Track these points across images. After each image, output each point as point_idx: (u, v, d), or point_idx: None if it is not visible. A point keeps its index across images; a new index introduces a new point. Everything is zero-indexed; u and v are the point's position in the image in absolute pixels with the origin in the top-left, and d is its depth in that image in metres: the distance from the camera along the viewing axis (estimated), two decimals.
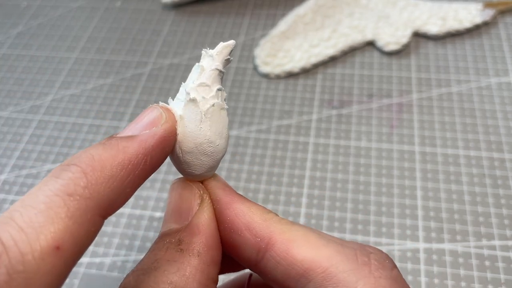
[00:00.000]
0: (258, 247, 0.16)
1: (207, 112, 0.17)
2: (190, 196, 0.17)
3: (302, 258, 0.16)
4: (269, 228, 0.17)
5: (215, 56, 0.18)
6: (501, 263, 0.31)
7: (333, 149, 0.39)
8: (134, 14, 0.53)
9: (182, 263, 0.15)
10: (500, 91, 0.41)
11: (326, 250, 0.16)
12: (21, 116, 0.44)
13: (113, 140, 0.15)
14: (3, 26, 0.53)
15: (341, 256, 0.15)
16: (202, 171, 0.18)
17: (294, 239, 0.16)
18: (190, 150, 0.17)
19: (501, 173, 0.36)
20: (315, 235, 0.16)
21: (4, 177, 0.39)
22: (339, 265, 0.15)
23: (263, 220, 0.17)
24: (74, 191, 0.13)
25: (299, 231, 0.16)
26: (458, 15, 0.46)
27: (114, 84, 0.46)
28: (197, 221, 0.17)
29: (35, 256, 0.12)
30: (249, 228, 0.17)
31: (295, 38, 0.47)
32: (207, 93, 0.17)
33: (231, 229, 0.17)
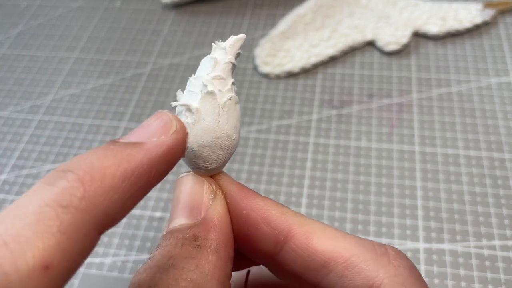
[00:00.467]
0: (276, 240, 0.16)
1: (224, 105, 0.17)
2: (202, 191, 0.17)
3: (322, 249, 0.16)
4: (288, 220, 0.16)
5: (228, 49, 0.18)
6: (501, 263, 0.31)
7: (333, 149, 0.38)
8: (134, 14, 0.53)
9: (200, 259, 0.15)
10: (500, 91, 0.41)
11: (345, 241, 0.16)
12: (21, 116, 0.44)
13: (116, 146, 0.14)
14: (3, 26, 0.53)
15: (361, 247, 0.16)
16: (217, 165, 0.17)
17: (313, 231, 0.16)
18: (207, 144, 0.17)
19: (501, 173, 0.36)
20: (332, 229, 0.16)
21: (4, 177, 0.39)
22: (360, 255, 0.15)
23: (280, 213, 0.16)
24: (69, 202, 0.12)
25: (316, 224, 0.16)
26: (458, 15, 0.46)
27: (114, 84, 0.46)
28: (211, 216, 0.16)
29: (21, 276, 0.11)
30: (267, 221, 0.16)
31: (295, 38, 0.47)
32: (223, 86, 0.17)
33: (247, 223, 0.16)
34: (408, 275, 0.15)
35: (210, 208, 0.16)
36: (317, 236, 0.16)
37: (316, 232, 0.16)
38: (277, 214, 0.16)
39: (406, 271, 0.15)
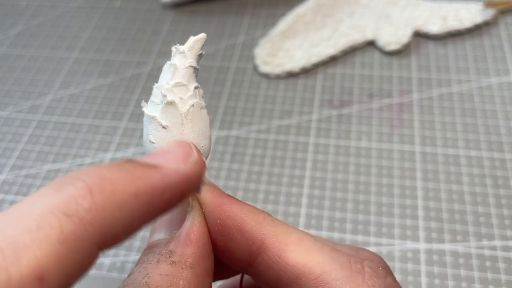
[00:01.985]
0: (250, 250, 0.16)
1: (187, 113, 0.16)
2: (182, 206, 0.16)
3: (294, 263, 0.15)
4: (262, 230, 0.16)
5: (187, 53, 0.17)
6: (501, 264, 0.31)
7: (333, 149, 0.38)
8: (133, 14, 0.53)
9: (175, 277, 0.14)
10: (501, 91, 0.41)
11: (320, 256, 0.15)
12: (21, 116, 0.44)
13: (132, 163, 0.13)
14: (2, 26, 0.53)
15: (335, 263, 0.15)
16: None
17: (287, 242, 0.16)
18: None
19: (502, 173, 0.36)
20: (309, 239, 0.16)
21: (3, 177, 0.39)
22: (332, 272, 0.15)
23: (255, 222, 0.16)
24: (74, 212, 0.11)
25: (292, 234, 0.16)
26: (459, 14, 0.46)
27: (114, 84, 0.46)
28: (188, 230, 0.16)
29: (12, 285, 0.10)
30: (241, 231, 0.16)
31: (295, 38, 0.47)
32: (185, 93, 0.16)
33: (222, 232, 0.16)
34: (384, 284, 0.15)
35: (186, 221, 0.16)
36: (290, 249, 0.15)
37: (290, 244, 0.16)
38: (252, 223, 0.16)
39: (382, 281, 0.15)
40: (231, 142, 0.39)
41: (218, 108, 0.42)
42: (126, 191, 0.12)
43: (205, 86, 0.44)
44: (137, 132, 0.41)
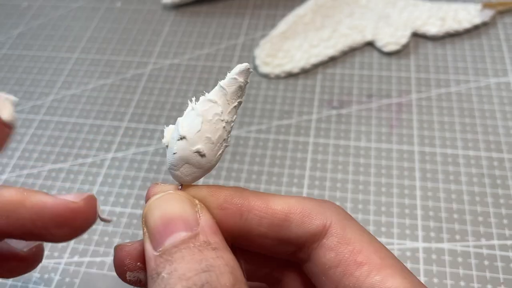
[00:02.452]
0: (240, 212, 0.19)
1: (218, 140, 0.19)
2: (190, 205, 0.18)
3: (280, 207, 0.19)
4: (244, 193, 0.19)
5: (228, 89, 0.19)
6: (500, 263, 0.31)
7: (333, 149, 0.39)
8: (134, 14, 0.53)
9: (223, 257, 0.16)
10: (499, 91, 0.42)
11: (294, 199, 0.19)
12: (22, 116, 0.44)
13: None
14: (4, 27, 0.54)
15: (305, 200, 0.20)
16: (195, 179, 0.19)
17: (267, 197, 0.19)
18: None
19: (500, 173, 0.36)
20: (280, 195, 0.20)
21: (5, 177, 0.39)
22: (308, 205, 0.19)
23: (236, 191, 0.19)
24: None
25: (269, 194, 0.20)
26: (457, 15, 0.47)
27: (115, 84, 0.46)
28: (209, 224, 0.18)
29: None
30: (228, 201, 0.19)
31: (295, 38, 0.47)
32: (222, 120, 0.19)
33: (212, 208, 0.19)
34: (344, 212, 0.20)
35: (202, 218, 0.18)
36: (272, 200, 0.19)
37: (270, 198, 0.19)
38: (237, 193, 0.19)
39: (342, 210, 0.20)
40: (231, 142, 0.40)
41: None
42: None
43: (205, 87, 0.45)
44: (138, 132, 0.41)
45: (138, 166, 0.39)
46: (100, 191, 0.37)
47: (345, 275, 0.18)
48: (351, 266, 0.18)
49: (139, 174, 0.38)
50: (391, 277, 0.17)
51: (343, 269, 0.18)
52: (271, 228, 0.19)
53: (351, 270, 0.18)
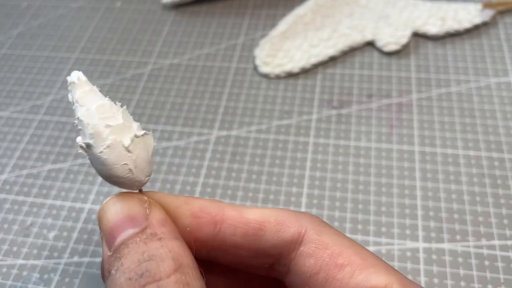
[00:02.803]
0: (214, 221, 0.19)
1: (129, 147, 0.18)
2: (139, 203, 0.18)
3: (254, 217, 0.19)
4: (219, 204, 0.19)
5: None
6: (500, 263, 0.31)
7: (333, 149, 0.39)
8: (134, 14, 0.53)
9: (168, 245, 0.17)
10: (500, 91, 0.42)
11: (268, 210, 0.20)
12: (22, 116, 0.44)
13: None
14: (3, 26, 0.54)
15: (280, 210, 0.20)
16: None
17: (241, 208, 0.20)
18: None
19: (501, 173, 0.36)
20: (256, 207, 0.20)
21: (4, 177, 0.39)
22: (283, 214, 0.19)
23: (212, 202, 0.20)
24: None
25: (244, 206, 0.20)
26: (458, 15, 0.46)
27: (114, 84, 0.46)
28: (157, 217, 0.18)
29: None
30: (203, 210, 0.19)
31: (295, 38, 0.47)
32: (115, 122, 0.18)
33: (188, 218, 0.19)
34: (319, 220, 0.20)
35: (151, 213, 0.18)
36: (246, 211, 0.19)
37: (244, 209, 0.20)
38: (210, 203, 0.20)
39: (317, 218, 0.20)
40: (231, 142, 0.40)
41: (218, 108, 0.43)
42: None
43: (205, 87, 0.45)
44: None
45: None
46: (100, 191, 0.37)
47: (327, 280, 0.18)
48: (332, 270, 0.18)
49: None
50: (375, 274, 0.17)
51: (325, 275, 0.18)
52: (245, 238, 0.19)
53: (333, 274, 0.18)
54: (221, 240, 0.19)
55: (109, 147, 0.18)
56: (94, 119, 0.18)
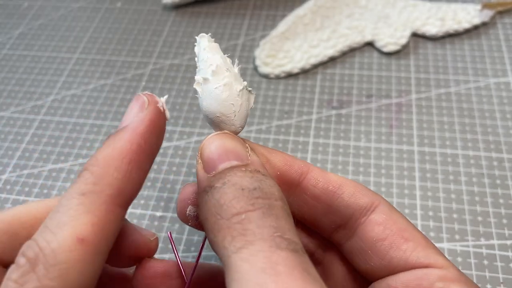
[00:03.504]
0: (301, 171, 0.21)
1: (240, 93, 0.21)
2: (242, 143, 0.20)
3: (336, 178, 0.21)
4: (307, 162, 0.21)
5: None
6: (499, 263, 0.31)
7: (333, 149, 0.39)
8: (134, 14, 0.54)
9: (272, 180, 0.18)
10: (499, 91, 0.42)
11: (348, 179, 0.21)
12: (23, 116, 0.44)
13: (110, 136, 0.17)
14: (4, 27, 0.54)
15: (358, 182, 0.21)
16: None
17: (326, 171, 0.21)
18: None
19: (500, 173, 0.36)
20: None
21: (5, 176, 0.39)
22: (360, 185, 0.21)
23: (300, 160, 0.21)
24: (86, 190, 0.16)
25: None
26: (457, 15, 0.47)
27: (115, 84, 0.46)
28: (256, 159, 0.19)
29: (64, 249, 0.15)
30: (292, 161, 0.21)
31: (294, 39, 0.47)
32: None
33: (278, 163, 0.21)
34: (391, 204, 0.21)
35: (252, 156, 0.19)
36: (329, 173, 0.21)
37: (328, 172, 0.21)
38: (298, 159, 0.21)
39: (388, 202, 0.21)
40: None
41: None
42: (113, 157, 0.17)
43: None
44: None
45: None
46: None
47: (391, 248, 0.19)
48: (398, 240, 0.19)
49: None
50: (435, 255, 0.19)
51: (390, 242, 0.19)
52: (324, 192, 0.21)
53: (398, 244, 0.19)
54: (303, 189, 0.21)
55: (225, 85, 0.20)
56: (218, 62, 0.20)
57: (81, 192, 0.16)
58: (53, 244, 0.15)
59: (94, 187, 0.16)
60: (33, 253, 0.15)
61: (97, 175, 0.16)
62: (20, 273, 0.15)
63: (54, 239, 0.15)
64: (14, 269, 0.15)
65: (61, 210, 0.16)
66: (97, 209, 0.16)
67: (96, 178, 0.16)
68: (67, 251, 0.15)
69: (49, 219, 0.16)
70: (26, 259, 0.15)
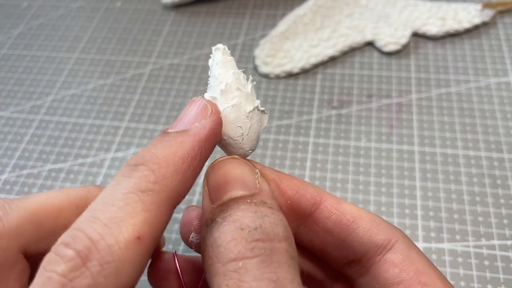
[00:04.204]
0: (313, 201, 0.20)
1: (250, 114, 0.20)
2: (251, 170, 0.19)
3: (351, 210, 0.20)
4: (321, 190, 0.20)
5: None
6: (500, 263, 0.31)
7: (333, 149, 0.39)
8: (134, 14, 0.53)
9: (278, 215, 0.17)
10: (499, 91, 0.42)
11: (365, 211, 0.20)
12: (22, 116, 0.44)
13: (169, 136, 0.17)
14: (4, 26, 0.54)
15: (375, 214, 0.20)
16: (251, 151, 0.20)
17: (341, 200, 0.20)
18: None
19: (500, 173, 0.36)
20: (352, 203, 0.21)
21: (5, 177, 0.39)
22: (377, 218, 0.20)
23: (313, 185, 0.20)
24: (146, 187, 0.15)
25: (341, 198, 0.20)
26: (458, 15, 0.47)
27: (115, 84, 0.46)
28: (266, 189, 0.18)
29: (121, 246, 0.14)
30: (305, 188, 0.20)
31: (295, 39, 0.47)
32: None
33: (291, 192, 0.20)
34: (409, 238, 0.20)
35: (261, 184, 0.19)
36: (344, 203, 0.20)
37: (343, 201, 0.20)
38: (312, 186, 0.20)
39: (407, 236, 0.20)
40: None
41: None
42: (174, 160, 0.16)
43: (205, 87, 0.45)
44: (138, 132, 0.41)
45: None
46: None
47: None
48: (415, 285, 0.18)
49: None
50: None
51: (407, 287, 0.18)
52: (337, 226, 0.19)
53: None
54: (315, 220, 0.20)
55: (233, 106, 0.19)
56: (228, 79, 0.19)
57: (141, 189, 0.15)
58: (109, 239, 0.14)
59: (155, 186, 0.15)
60: (83, 246, 0.14)
61: (158, 175, 0.16)
62: (69, 267, 0.14)
63: (110, 234, 0.14)
64: (57, 261, 0.14)
65: (116, 204, 0.15)
66: (155, 209, 0.15)
67: (158, 178, 0.16)
68: (124, 248, 0.14)
69: (99, 211, 0.15)
70: (74, 251, 0.14)
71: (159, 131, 0.41)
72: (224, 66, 0.20)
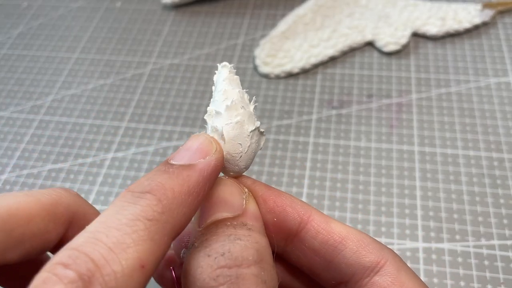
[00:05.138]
0: (300, 219, 0.19)
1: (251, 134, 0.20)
2: (239, 192, 0.19)
3: (339, 230, 0.19)
4: (309, 207, 0.20)
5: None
6: (500, 263, 0.31)
7: (333, 149, 0.39)
8: (134, 14, 0.53)
9: (255, 237, 0.17)
10: (499, 91, 0.42)
11: (354, 230, 0.19)
12: (22, 116, 0.44)
13: (175, 168, 0.17)
14: (4, 26, 0.54)
15: (364, 234, 0.19)
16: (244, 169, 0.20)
17: (329, 218, 0.19)
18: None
19: (500, 173, 0.36)
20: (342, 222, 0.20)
21: (5, 177, 0.39)
22: (368, 238, 0.19)
23: (302, 203, 0.20)
24: (153, 217, 0.15)
25: (330, 216, 0.20)
26: (458, 15, 0.47)
27: (115, 84, 0.46)
28: (252, 210, 0.19)
29: (125, 273, 0.14)
30: (292, 206, 0.19)
31: (295, 38, 0.47)
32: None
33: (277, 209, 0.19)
34: (400, 258, 0.19)
35: (247, 205, 0.19)
36: (333, 221, 0.19)
37: (330, 219, 0.19)
38: (300, 203, 0.20)
39: (397, 255, 0.19)
40: None
41: None
42: (181, 192, 0.16)
43: (206, 87, 0.45)
44: (138, 132, 0.41)
45: (138, 166, 0.39)
46: (100, 191, 0.37)
47: None
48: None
49: (139, 174, 0.38)
50: None
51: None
52: (324, 246, 0.19)
53: None
54: (302, 240, 0.19)
55: (236, 123, 0.19)
56: (234, 97, 0.20)
57: (148, 217, 0.15)
58: (115, 265, 0.14)
59: (161, 216, 0.15)
60: (86, 269, 0.13)
61: (165, 206, 0.15)
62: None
63: (116, 260, 0.14)
64: (56, 282, 0.13)
65: (122, 229, 0.14)
66: (159, 239, 0.15)
67: (164, 208, 0.15)
68: (128, 275, 0.14)
69: (102, 234, 0.14)
70: (76, 274, 0.13)
71: (159, 131, 0.41)
72: (231, 83, 0.20)
